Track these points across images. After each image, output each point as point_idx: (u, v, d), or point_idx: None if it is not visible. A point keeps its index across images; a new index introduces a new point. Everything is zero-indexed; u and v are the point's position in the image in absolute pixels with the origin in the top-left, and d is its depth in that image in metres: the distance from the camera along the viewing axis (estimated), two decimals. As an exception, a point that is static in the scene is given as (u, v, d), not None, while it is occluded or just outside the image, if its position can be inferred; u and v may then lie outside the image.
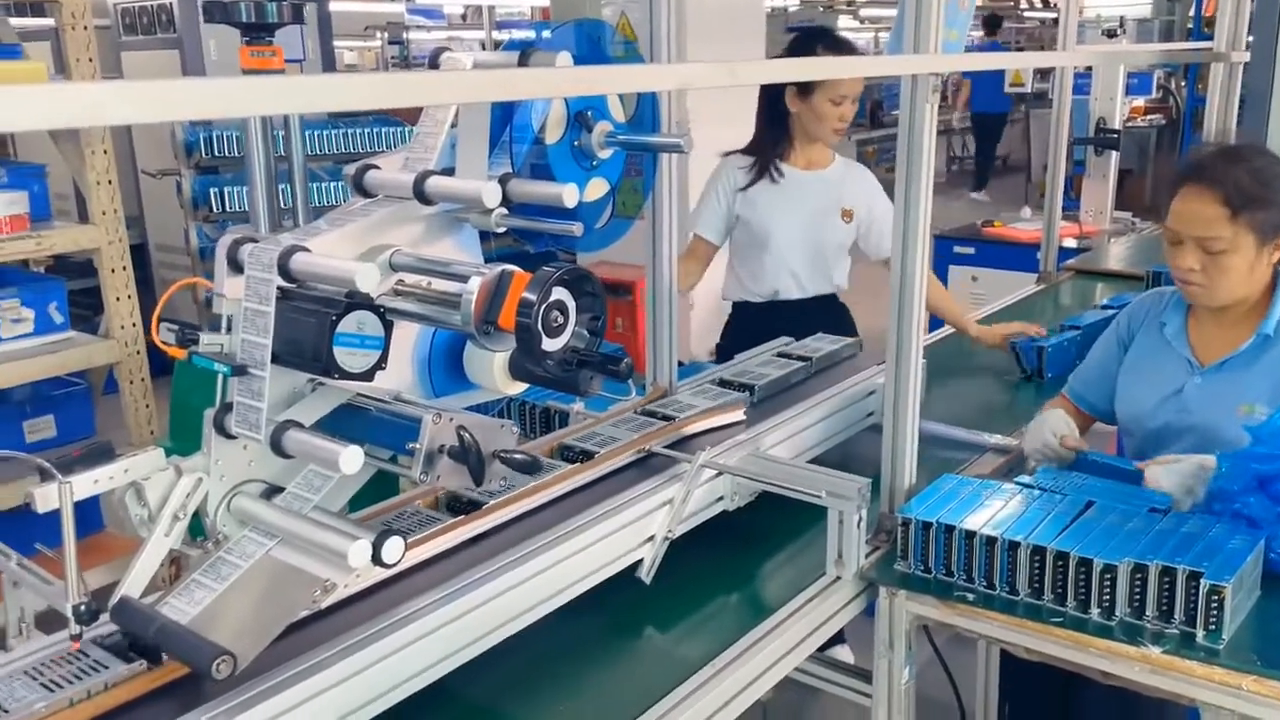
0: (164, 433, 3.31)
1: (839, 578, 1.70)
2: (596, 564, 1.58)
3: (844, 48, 2.80)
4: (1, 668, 1.18)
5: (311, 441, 1.24)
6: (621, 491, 1.69)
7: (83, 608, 1.16)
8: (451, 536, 1.54)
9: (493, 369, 1.49)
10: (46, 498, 1.14)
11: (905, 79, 1.68)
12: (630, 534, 1.64)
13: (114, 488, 1.22)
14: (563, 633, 1.54)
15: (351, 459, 1.20)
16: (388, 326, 1.29)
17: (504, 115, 1.54)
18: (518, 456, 1.36)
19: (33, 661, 1.19)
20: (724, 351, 2.92)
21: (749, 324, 2.93)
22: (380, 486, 1.51)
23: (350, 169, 1.47)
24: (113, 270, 3.20)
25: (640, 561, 1.67)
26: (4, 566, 1.27)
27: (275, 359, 1.25)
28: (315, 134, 4.85)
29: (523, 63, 1.43)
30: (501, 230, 1.52)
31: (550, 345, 1.29)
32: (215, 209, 4.72)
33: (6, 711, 1.10)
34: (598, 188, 1.65)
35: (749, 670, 1.54)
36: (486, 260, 1.48)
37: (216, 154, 4.71)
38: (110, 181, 3.16)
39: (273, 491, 1.34)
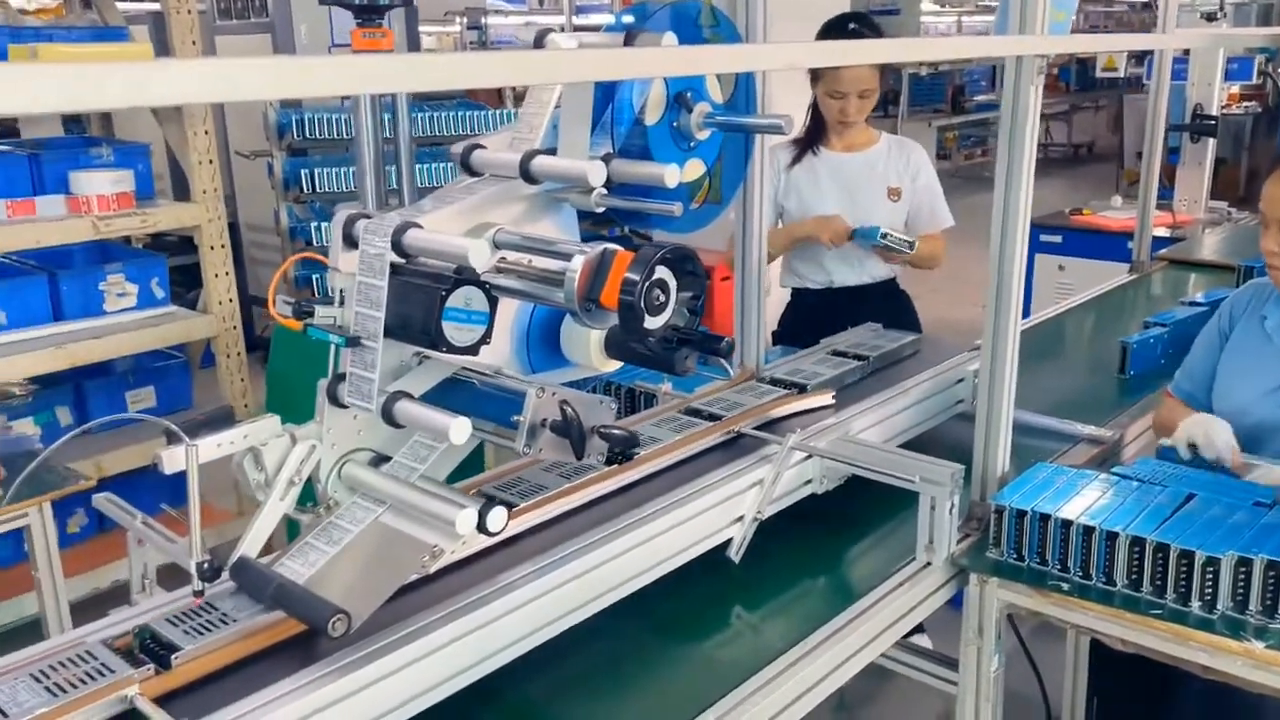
0: (258, 405, 3.42)
1: (929, 563, 1.70)
2: (688, 541, 1.60)
3: (858, 36, 2.75)
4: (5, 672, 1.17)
5: (421, 412, 1.27)
6: (711, 471, 1.71)
7: (205, 565, 1.21)
8: (547, 509, 1.57)
9: (589, 347, 1.52)
10: (174, 459, 1.20)
11: (1009, 60, 1.66)
12: (720, 513, 1.65)
13: (234, 452, 1.27)
14: (651, 611, 1.56)
15: (460, 429, 1.24)
16: (493, 302, 1.31)
17: (605, 96, 1.56)
18: (617, 432, 1.38)
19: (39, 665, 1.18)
20: (780, 338, 2.91)
21: (806, 311, 2.92)
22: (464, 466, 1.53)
23: (457, 148, 1.50)
24: (212, 247, 3.32)
25: (729, 541, 1.68)
26: (129, 525, 1.33)
27: (385, 332, 1.29)
28: (387, 116, 4.91)
29: (628, 44, 1.44)
30: (600, 210, 1.54)
31: (651, 323, 1.31)
32: (305, 190, 4.84)
33: (6, 715, 1.09)
34: (694, 169, 1.66)
35: (836, 654, 1.55)
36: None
37: (308, 136, 4.83)
38: (211, 161, 3.27)
39: (380, 460, 1.39)
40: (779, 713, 1.45)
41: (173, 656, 1.18)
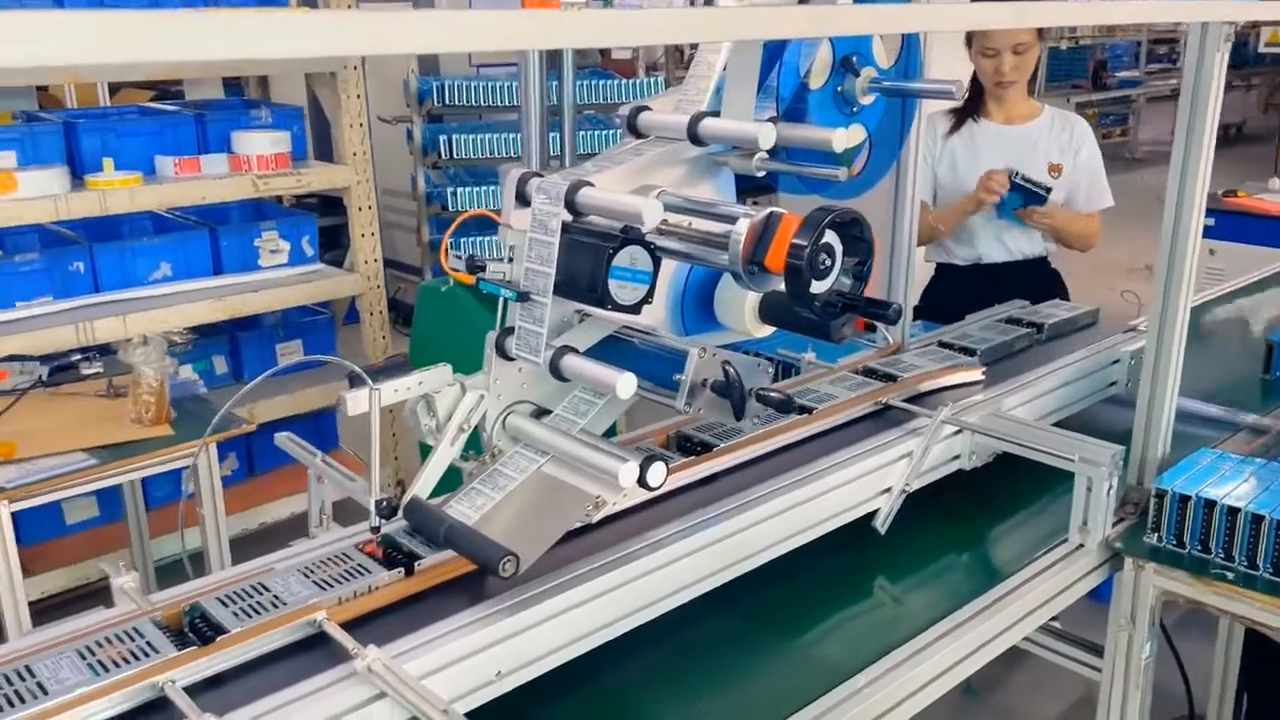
0: (398, 362, 3.55)
1: (1082, 545, 1.66)
2: (835, 509, 1.60)
3: None
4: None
5: (588, 366, 1.31)
6: (859, 441, 1.70)
7: (384, 503, 1.27)
8: (696, 470, 1.59)
9: (743, 311, 1.52)
10: (357, 401, 1.26)
11: (1194, 27, 1.59)
12: (869, 483, 1.64)
13: (409, 398, 1.33)
14: (794, 579, 1.56)
15: (627, 385, 1.26)
16: (656, 262, 1.33)
17: (769, 59, 1.55)
18: (774, 395, 1.39)
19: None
20: (922, 313, 2.85)
21: (951, 286, 2.85)
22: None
23: (624, 110, 1.52)
24: (360, 208, 3.43)
25: (875, 512, 1.67)
26: (310, 463, 1.41)
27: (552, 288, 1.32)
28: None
29: (802, 1, 1.43)
30: (761, 174, 1.54)
31: (816, 288, 1.30)
32: (443, 155, 4.96)
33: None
34: (856, 134, 1.64)
35: (983, 632, 1.52)
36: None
37: (446, 103, 4.94)
38: (361, 124, 3.38)
39: (540, 413, 1.43)
40: (921, 688, 1.44)
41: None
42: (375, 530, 1.29)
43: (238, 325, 3.53)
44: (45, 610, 2.90)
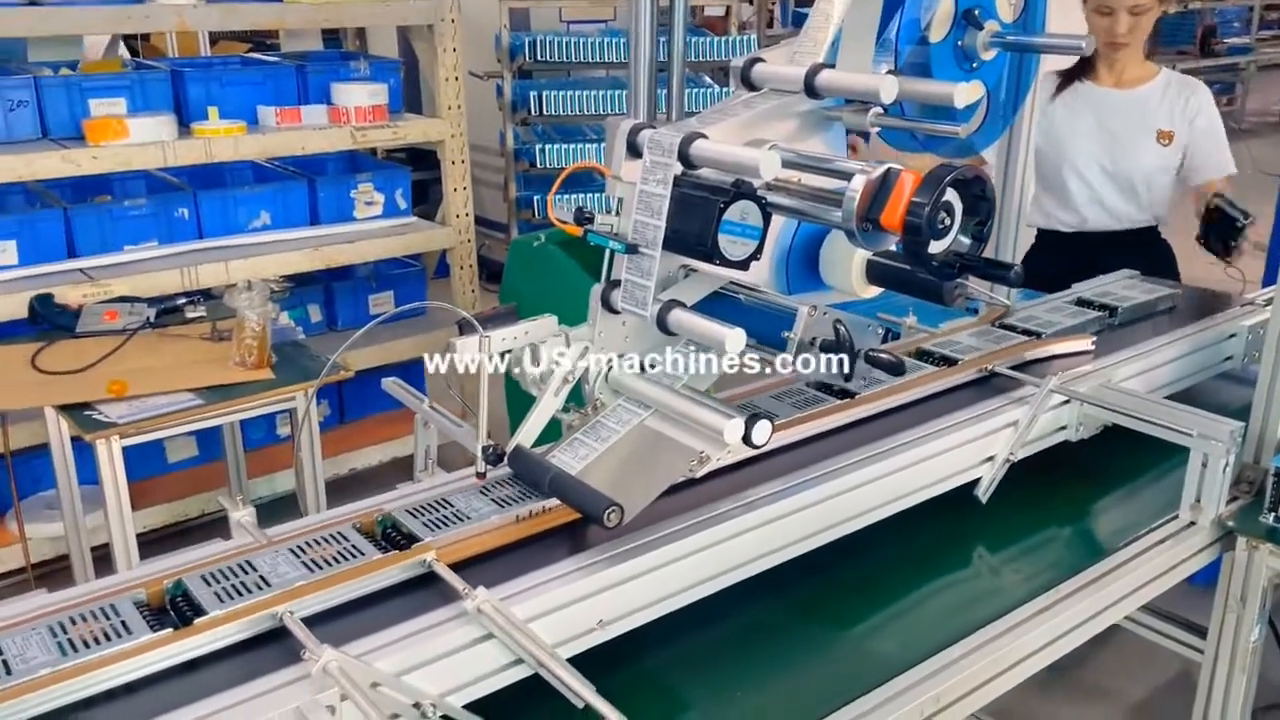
0: (487, 316, 3.58)
1: (1193, 523, 1.60)
2: (937, 476, 1.57)
3: None
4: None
5: (697, 321, 1.29)
6: (963, 408, 1.66)
7: (490, 449, 1.28)
8: (797, 431, 1.57)
9: (850, 271, 1.49)
10: (467, 347, 1.27)
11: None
12: (972, 451, 1.61)
13: (516, 346, 1.34)
14: (894, 546, 1.54)
15: (736, 340, 1.25)
16: (766, 218, 1.31)
17: (888, 11, 1.51)
18: (884, 357, 1.36)
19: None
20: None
21: (1053, 253, 2.76)
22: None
23: (737, 62, 1.49)
24: (453, 162, 3.46)
25: (977, 481, 1.64)
26: (417, 408, 1.43)
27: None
28: (611, 40, 4.91)
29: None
30: (874, 130, 1.50)
31: (934, 247, 1.27)
32: (532, 112, 4.97)
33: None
34: (976, 90, 1.59)
35: (1087, 607, 1.48)
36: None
37: (537, 59, 4.93)
38: (457, 79, 3.39)
39: (642, 367, 1.42)
40: (1019, 662, 1.42)
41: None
42: (481, 476, 1.31)
43: (331, 275, 3.60)
44: (148, 544, 3.01)
